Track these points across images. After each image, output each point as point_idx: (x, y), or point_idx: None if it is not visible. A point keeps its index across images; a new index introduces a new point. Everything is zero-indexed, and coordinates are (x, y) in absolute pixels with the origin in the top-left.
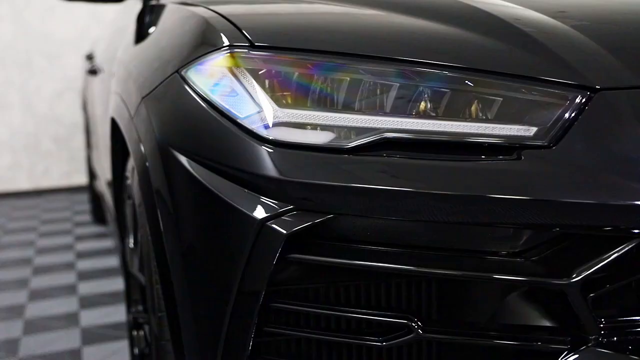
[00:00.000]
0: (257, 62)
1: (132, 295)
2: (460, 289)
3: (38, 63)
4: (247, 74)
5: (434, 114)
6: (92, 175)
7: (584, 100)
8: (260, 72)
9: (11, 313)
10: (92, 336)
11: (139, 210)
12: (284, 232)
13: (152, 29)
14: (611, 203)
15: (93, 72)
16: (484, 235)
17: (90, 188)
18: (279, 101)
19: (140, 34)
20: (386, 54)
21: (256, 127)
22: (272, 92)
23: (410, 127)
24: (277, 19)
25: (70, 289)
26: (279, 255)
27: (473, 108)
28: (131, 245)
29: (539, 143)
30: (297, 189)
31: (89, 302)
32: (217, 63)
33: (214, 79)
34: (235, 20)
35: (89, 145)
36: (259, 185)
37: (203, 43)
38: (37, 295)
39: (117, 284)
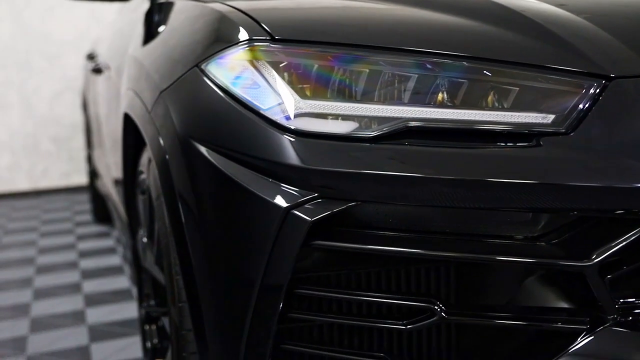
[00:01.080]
0: (278, 55)
1: (144, 289)
2: (480, 273)
3: (37, 63)
4: (269, 66)
5: (454, 103)
6: (93, 174)
7: (599, 88)
8: (281, 65)
9: (17, 312)
10: (100, 333)
11: (156, 203)
12: (309, 219)
13: (164, 25)
14: (626, 186)
15: (97, 70)
16: (504, 220)
17: (92, 188)
18: (301, 93)
19: (153, 30)
20: (404, 45)
21: (279, 117)
22: (293, 84)
23: (432, 116)
24: (295, 13)
25: (75, 288)
26: (303, 242)
27: (492, 97)
28: (144, 239)
29: (556, 130)
30: (321, 177)
31: (94, 300)
32: (238, 56)
33: (235, 72)
34: (253, 14)
35: (89, 144)
36: (283, 174)
37: (222, 37)
38: (41, 294)
39: (122, 282)
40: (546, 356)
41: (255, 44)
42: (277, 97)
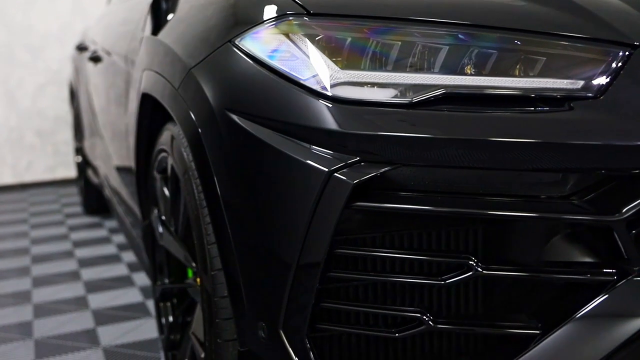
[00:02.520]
0: (314, 29)
1: (159, 268)
2: (509, 233)
3: (20, 56)
4: (306, 39)
5: (488, 72)
6: (84, 165)
7: (624, 55)
8: (317, 38)
9: (18, 299)
10: (104, 317)
11: (183, 179)
12: (351, 181)
13: (188, 4)
14: None
15: (95, 59)
16: (536, 181)
17: (83, 179)
18: (338, 63)
19: (175, 9)
20: (437, 17)
21: (319, 87)
22: (332, 56)
23: (467, 83)
24: None
25: (74, 275)
26: (345, 204)
27: (524, 65)
28: (163, 217)
29: (586, 95)
30: (361, 141)
31: (94, 286)
32: (274, 31)
33: (272, 45)
34: None
35: (80, 136)
36: (324, 140)
37: (255, 13)
38: (41, 282)
39: (120, 269)
40: (574, 307)
41: (291, 18)
42: (315, 68)
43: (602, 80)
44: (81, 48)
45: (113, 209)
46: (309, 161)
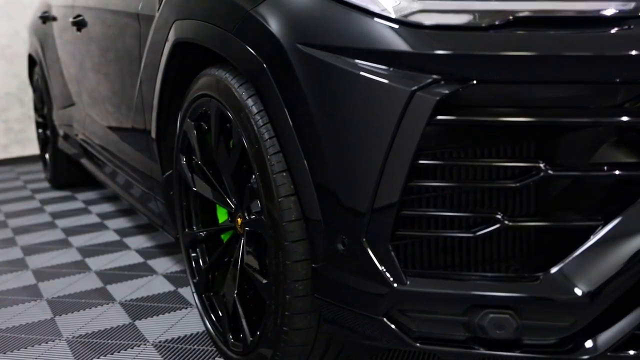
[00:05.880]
0: None
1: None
2: (573, 139)
3: None
4: None
5: None
6: (54, 137)
7: None
8: None
9: (14, 266)
10: (111, 277)
11: (238, 117)
12: (435, 97)
13: None
14: None
15: (78, 24)
16: (594, 94)
17: (52, 152)
18: None
19: None
20: None
21: (398, 15)
22: None
23: (534, 8)
24: None
25: (64, 243)
26: (428, 120)
27: None
28: (199, 162)
29: (636, 14)
30: (440, 62)
31: (89, 252)
32: None
33: None
34: None
35: (44, 109)
36: (404, 63)
37: None
38: (31, 250)
39: (110, 235)
40: (627, 202)
41: None
42: (393, 0)
43: None
44: (46, 18)
45: (100, 174)
46: (391, 82)
